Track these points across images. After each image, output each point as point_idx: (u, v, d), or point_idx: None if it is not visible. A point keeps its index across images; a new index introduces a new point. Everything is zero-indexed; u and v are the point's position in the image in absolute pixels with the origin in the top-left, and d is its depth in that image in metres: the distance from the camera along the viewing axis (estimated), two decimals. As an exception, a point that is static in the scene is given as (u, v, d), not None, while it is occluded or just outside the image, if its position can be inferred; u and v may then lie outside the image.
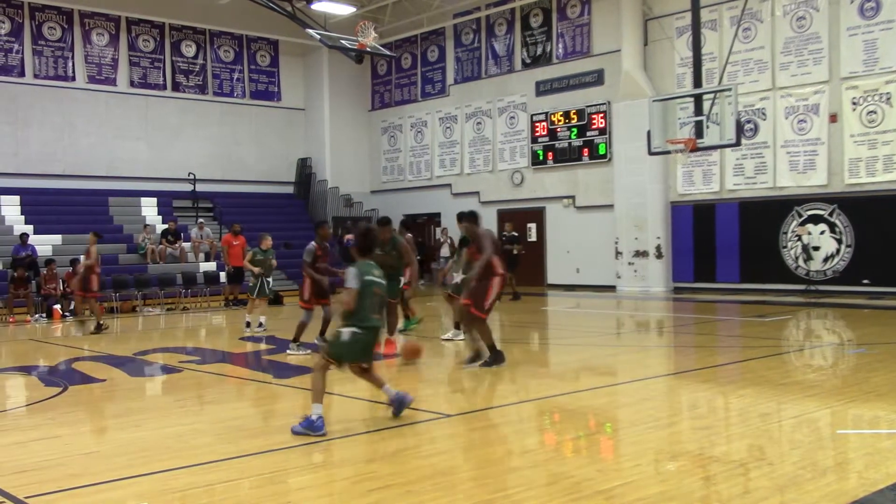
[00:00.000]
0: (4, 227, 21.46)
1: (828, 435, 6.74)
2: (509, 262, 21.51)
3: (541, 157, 24.89)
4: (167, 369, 10.94)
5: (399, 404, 7.10)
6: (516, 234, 21.74)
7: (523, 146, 25.49)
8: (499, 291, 9.94)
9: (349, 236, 25.00)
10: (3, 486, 5.34)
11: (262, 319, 14.81)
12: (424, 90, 28.59)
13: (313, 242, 11.67)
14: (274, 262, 15.34)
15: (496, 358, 9.75)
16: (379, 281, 7.02)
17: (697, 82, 17.14)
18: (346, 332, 6.86)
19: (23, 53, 23.86)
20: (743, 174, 20.66)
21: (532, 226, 25.25)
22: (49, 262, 19.33)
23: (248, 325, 14.52)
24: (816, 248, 19.40)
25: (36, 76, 24.07)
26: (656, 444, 6.33)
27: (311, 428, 6.61)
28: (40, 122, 24.06)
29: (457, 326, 12.33)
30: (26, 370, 11.26)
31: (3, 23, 23.61)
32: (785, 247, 19.97)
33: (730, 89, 16.54)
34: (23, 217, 22.22)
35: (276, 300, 20.21)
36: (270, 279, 15.06)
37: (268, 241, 14.90)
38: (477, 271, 9.61)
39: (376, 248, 7.75)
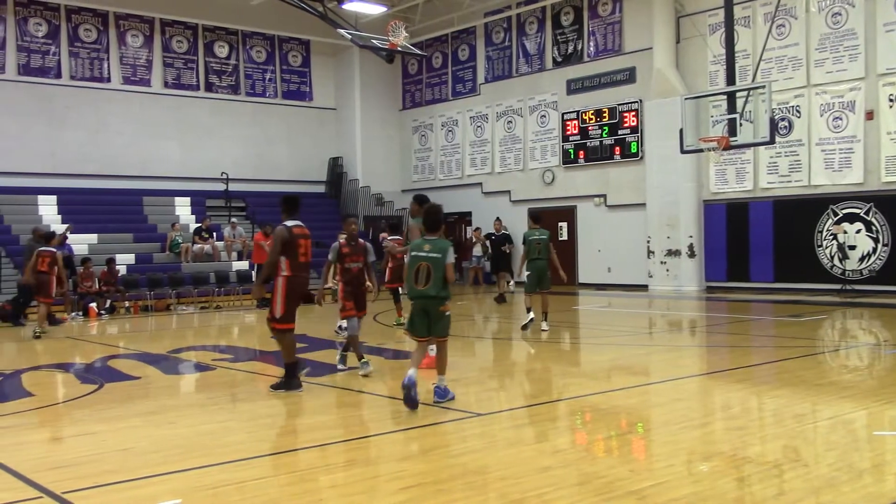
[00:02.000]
0: (42, 227, 21.72)
1: (864, 436, 6.64)
2: (501, 262, 21.50)
3: (572, 156, 24.80)
4: (201, 367, 11.04)
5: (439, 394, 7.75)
6: (507, 234, 21.85)
7: (554, 145, 25.41)
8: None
9: (384, 234, 25.09)
10: (40, 482, 5.42)
11: (343, 323, 13.76)
12: (455, 89, 28.59)
13: (338, 240, 10.60)
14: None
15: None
16: (428, 254, 7.58)
17: (731, 80, 17.00)
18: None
19: (59, 55, 24.21)
20: (777, 172, 20.44)
21: (563, 225, 25.16)
22: (85, 260, 19.58)
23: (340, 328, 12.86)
24: (852, 248, 19.14)
25: (72, 77, 24.41)
26: (689, 444, 6.29)
27: (443, 395, 7.70)
28: (76, 123, 24.38)
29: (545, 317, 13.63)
30: (63, 367, 11.42)
31: (41, 25, 23.96)
32: (820, 246, 19.72)
33: (764, 87, 16.40)
34: (59, 216, 22.53)
35: (308, 299, 20.26)
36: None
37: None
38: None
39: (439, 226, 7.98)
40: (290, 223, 8.88)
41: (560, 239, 24.59)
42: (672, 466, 5.67)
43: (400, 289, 14.19)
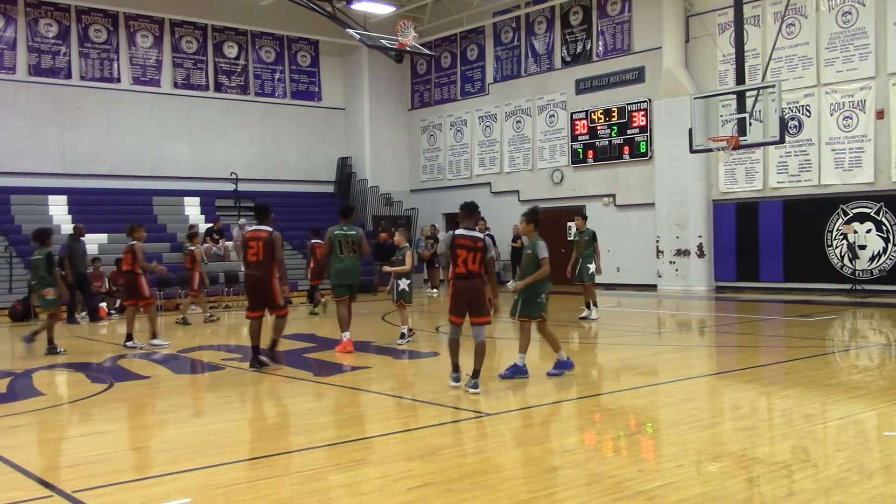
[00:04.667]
0: (52, 227, 21.78)
1: (874, 437, 6.62)
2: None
3: (581, 156, 24.77)
4: (210, 367, 11.07)
5: (562, 366, 9.17)
6: (491, 235, 21.53)
7: (563, 144, 25.39)
8: None
9: (384, 235, 25.10)
10: (51, 480, 5.45)
11: (404, 329, 12.70)
12: (464, 89, 28.59)
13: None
14: (407, 262, 12.76)
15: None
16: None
17: (740, 79, 16.96)
18: (543, 295, 9.03)
19: (70, 56, 24.31)
20: (787, 172, 20.38)
21: (572, 224, 25.07)
22: (95, 260, 19.65)
23: (403, 336, 12.59)
24: (862, 247, 19.07)
25: (82, 78, 24.51)
26: (698, 444, 6.28)
27: (518, 372, 8.93)
28: (86, 124, 24.48)
29: (587, 306, 15.46)
30: (73, 367, 11.46)
31: (51, 26, 24.06)
32: (830, 245, 19.66)
33: (773, 86, 16.35)
34: (70, 216, 22.61)
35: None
36: (402, 280, 12.67)
37: (399, 238, 13.14)
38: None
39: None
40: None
41: (569, 239, 24.51)
42: (681, 467, 5.66)
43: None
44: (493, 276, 8.57)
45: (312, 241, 18.11)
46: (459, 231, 8.46)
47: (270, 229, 10.39)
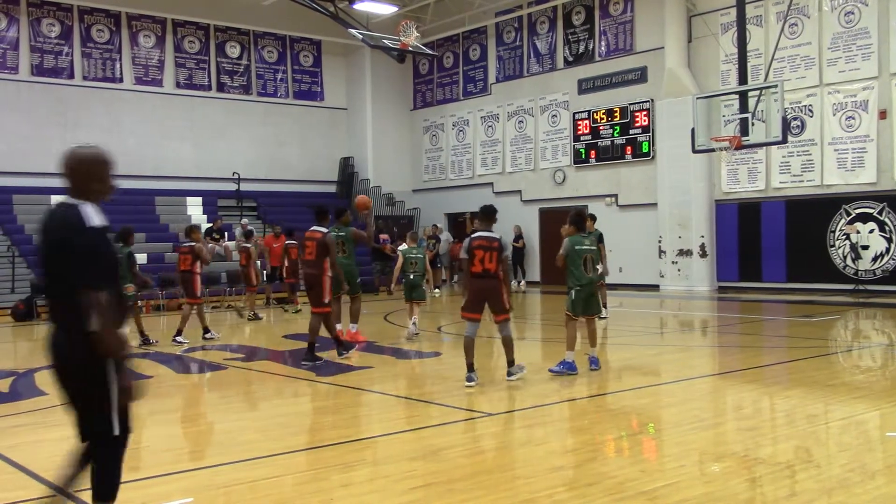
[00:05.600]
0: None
1: (877, 437, 6.62)
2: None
3: (583, 156, 24.76)
4: (212, 367, 11.08)
5: (593, 362, 9.45)
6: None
7: (565, 144, 25.38)
8: None
9: (384, 236, 25.14)
10: (54, 480, 5.44)
11: (415, 319, 13.04)
12: (466, 89, 28.59)
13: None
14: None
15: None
16: (588, 247, 9.44)
17: (743, 79, 16.95)
18: (571, 292, 9.37)
19: (72, 56, 24.32)
20: (789, 172, 20.35)
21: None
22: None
23: (415, 324, 13.02)
24: (865, 247, 19.04)
25: (85, 78, 24.52)
26: (701, 444, 6.27)
27: (568, 368, 9.11)
28: (89, 123, 24.47)
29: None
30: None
31: (54, 26, 24.08)
32: (833, 246, 19.64)
33: (776, 86, 16.34)
34: (72, 216, 22.63)
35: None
36: (413, 276, 13.00)
37: (410, 242, 13.81)
38: None
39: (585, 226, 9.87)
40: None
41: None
42: (683, 467, 5.66)
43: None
44: (508, 275, 8.81)
45: (287, 241, 19.12)
46: (476, 233, 8.82)
47: (326, 230, 10.83)
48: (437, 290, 24.12)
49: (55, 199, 23.88)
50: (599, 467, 5.67)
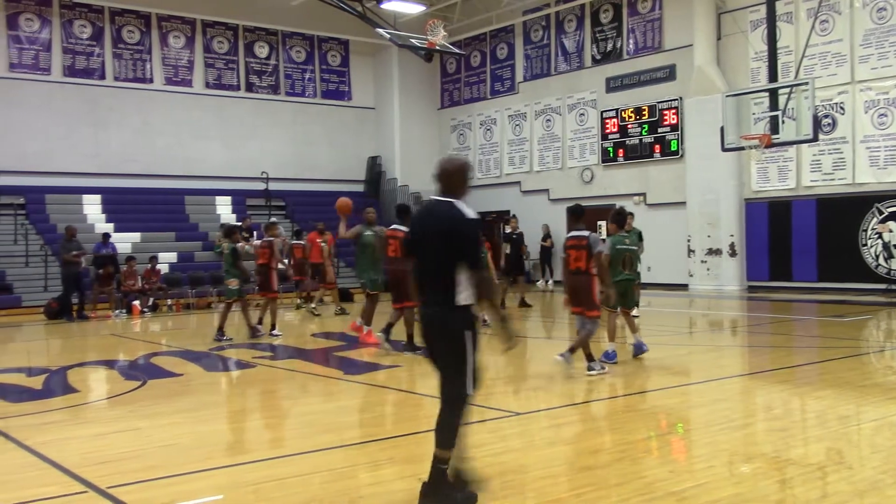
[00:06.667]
0: (87, 226, 22.09)
1: (910, 439, 6.53)
2: (519, 264, 19.63)
3: (611, 155, 24.64)
4: (241, 365, 11.15)
5: (637, 349, 10.11)
6: (521, 232, 20.21)
7: (593, 143, 25.27)
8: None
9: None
10: (85, 476, 5.52)
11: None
12: (494, 88, 28.55)
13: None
14: None
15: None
16: (628, 246, 10.20)
17: (773, 76, 16.79)
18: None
19: (103, 57, 24.60)
20: (820, 170, 20.13)
21: (602, 223, 24.99)
22: (129, 259, 19.88)
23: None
24: (898, 246, 18.80)
25: (116, 78, 24.79)
26: (730, 445, 6.22)
27: (608, 358, 9.50)
28: (119, 124, 24.75)
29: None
30: (108, 364, 11.61)
31: (85, 27, 24.36)
32: (865, 245, 19.39)
33: (806, 83, 16.17)
34: (104, 216, 22.91)
35: (346, 296, 20.50)
36: None
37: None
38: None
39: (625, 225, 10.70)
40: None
41: (600, 238, 24.34)
42: (713, 468, 5.62)
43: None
44: (603, 270, 9.26)
45: (293, 241, 19.27)
46: (569, 233, 9.59)
47: (406, 229, 10.81)
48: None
49: (86, 198, 24.05)
50: (628, 467, 5.64)
